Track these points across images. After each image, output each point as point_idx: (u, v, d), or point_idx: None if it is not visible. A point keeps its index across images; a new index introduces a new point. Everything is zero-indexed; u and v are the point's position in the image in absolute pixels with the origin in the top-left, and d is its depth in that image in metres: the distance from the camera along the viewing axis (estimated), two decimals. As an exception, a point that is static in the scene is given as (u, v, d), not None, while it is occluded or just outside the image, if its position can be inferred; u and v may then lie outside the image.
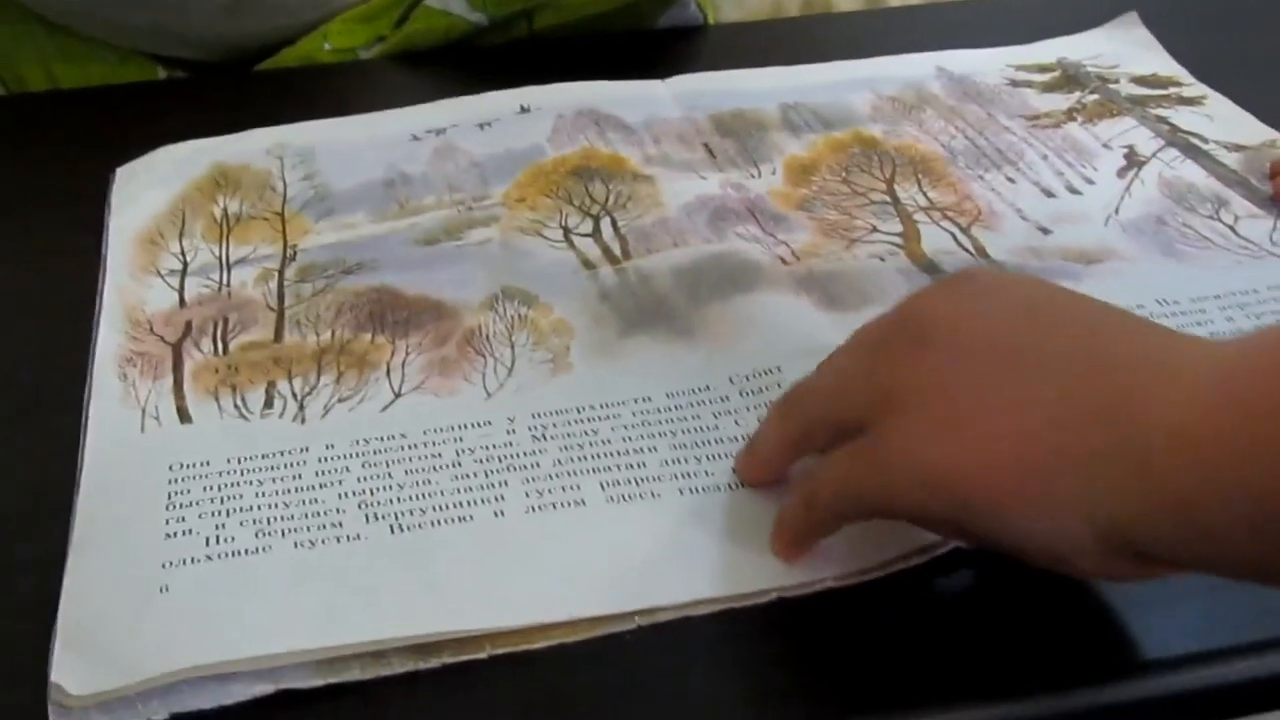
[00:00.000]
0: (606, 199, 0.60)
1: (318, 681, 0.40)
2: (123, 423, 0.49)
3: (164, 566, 0.43)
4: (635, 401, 0.49)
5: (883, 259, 0.56)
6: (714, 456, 0.47)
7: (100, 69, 0.74)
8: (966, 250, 0.57)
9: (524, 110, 0.66)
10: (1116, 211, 0.59)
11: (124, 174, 0.63)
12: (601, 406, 0.49)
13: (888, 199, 0.60)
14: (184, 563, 0.43)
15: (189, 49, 0.75)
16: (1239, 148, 0.63)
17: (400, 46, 0.74)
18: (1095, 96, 0.68)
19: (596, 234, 0.58)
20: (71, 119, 0.71)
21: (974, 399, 0.39)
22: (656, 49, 0.74)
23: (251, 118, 0.67)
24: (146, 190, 0.62)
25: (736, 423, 0.48)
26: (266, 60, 0.74)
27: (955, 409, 0.39)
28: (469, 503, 0.45)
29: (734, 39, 0.76)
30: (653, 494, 0.45)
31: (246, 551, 0.43)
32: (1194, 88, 0.68)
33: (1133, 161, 0.62)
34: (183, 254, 0.58)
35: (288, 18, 0.74)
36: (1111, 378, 0.37)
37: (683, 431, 0.48)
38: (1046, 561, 0.39)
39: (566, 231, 0.59)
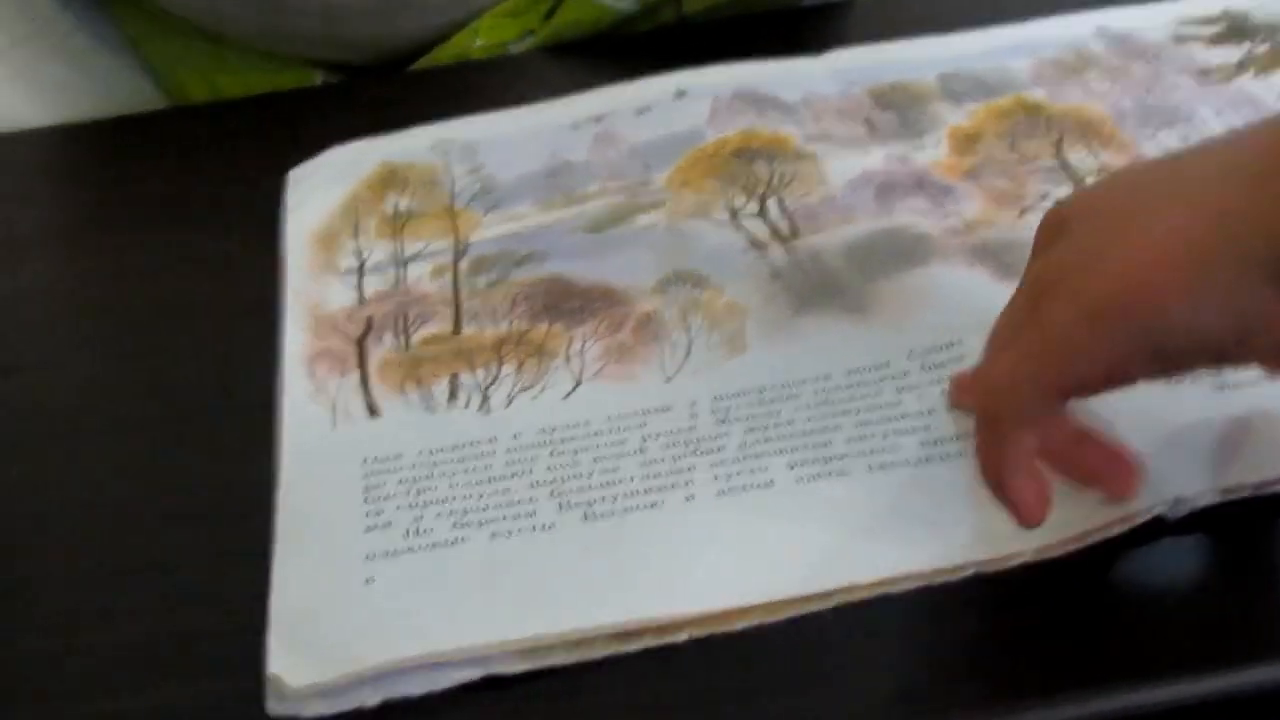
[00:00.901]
0: (771, 179, 0.60)
1: (523, 667, 0.40)
2: (314, 419, 0.50)
3: (367, 559, 0.43)
4: (815, 380, 0.49)
5: None
6: (899, 432, 0.46)
7: (259, 77, 0.75)
8: (1143, 212, 0.55)
9: (680, 94, 0.66)
10: (1299, 165, 0.57)
11: (296, 176, 0.63)
12: (782, 386, 0.49)
13: (1057, 164, 0.59)
14: (386, 555, 0.43)
15: (344, 53, 0.75)
16: None
17: (550, 39, 0.74)
18: (1266, 46, 0.65)
19: (763, 214, 0.58)
20: (236, 127, 0.71)
21: (1120, 230, 0.38)
22: (806, 26, 0.73)
23: (410, 116, 0.67)
24: (318, 191, 0.62)
25: (919, 398, 0.47)
26: (420, 60, 0.75)
27: (1105, 243, 0.38)
28: (658, 489, 0.45)
29: (882, 11, 0.74)
30: (841, 472, 0.45)
31: (445, 543, 0.44)
32: (1373, 29, 0.66)
33: (1313, 112, 0.60)
34: (358, 252, 0.59)
35: (438, 17, 0.74)
36: (1250, 154, 0.37)
37: (865, 409, 0.47)
38: (1240, 350, 0.38)
39: (733, 213, 0.58)
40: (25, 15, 0.74)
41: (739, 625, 0.41)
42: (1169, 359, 0.39)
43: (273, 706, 0.39)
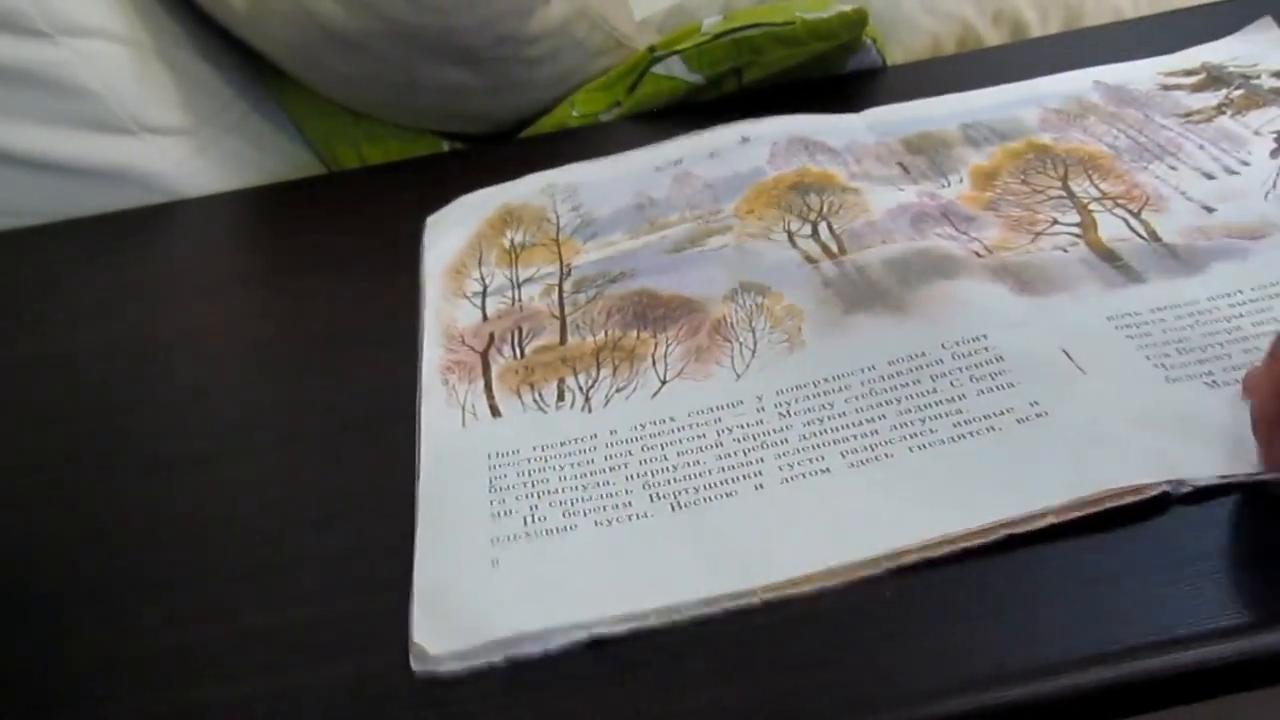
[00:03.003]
0: (821, 207, 0.56)
1: (622, 630, 0.37)
2: (448, 420, 0.47)
3: (493, 543, 0.40)
4: (862, 371, 0.45)
5: (1065, 250, 0.50)
6: (936, 416, 0.42)
7: (398, 146, 0.73)
8: (1139, 235, 0.51)
9: (744, 140, 0.63)
10: (1275, 187, 0.52)
11: (432, 221, 0.61)
12: (834, 378, 0.45)
13: (1064, 194, 0.55)
14: (509, 539, 0.40)
15: (466, 126, 0.73)
16: (1377, 124, 0.55)
17: (634, 108, 0.71)
18: (1240, 91, 0.61)
19: (815, 235, 0.54)
20: (381, 188, 0.69)
21: None
22: (846, 90, 0.70)
23: (521, 174, 0.64)
24: (450, 232, 0.60)
25: (951, 384, 0.43)
26: (527, 129, 0.72)
27: None
28: (733, 479, 0.42)
29: (908, 76, 0.71)
30: (887, 455, 0.41)
31: (558, 530, 0.41)
32: (1328, 77, 0.61)
33: (1283, 144, 0.56)
34: (482, 279, 0.56)
35: (541, 94, 0.72)
36: None
37: (906, 397, 0.43)
38: None
39: (790, 235, 0.54)
40: (210, 101, 0.73)
41: (805, 589, 0.37)
42: None
43: (416, 666, 0.37)
